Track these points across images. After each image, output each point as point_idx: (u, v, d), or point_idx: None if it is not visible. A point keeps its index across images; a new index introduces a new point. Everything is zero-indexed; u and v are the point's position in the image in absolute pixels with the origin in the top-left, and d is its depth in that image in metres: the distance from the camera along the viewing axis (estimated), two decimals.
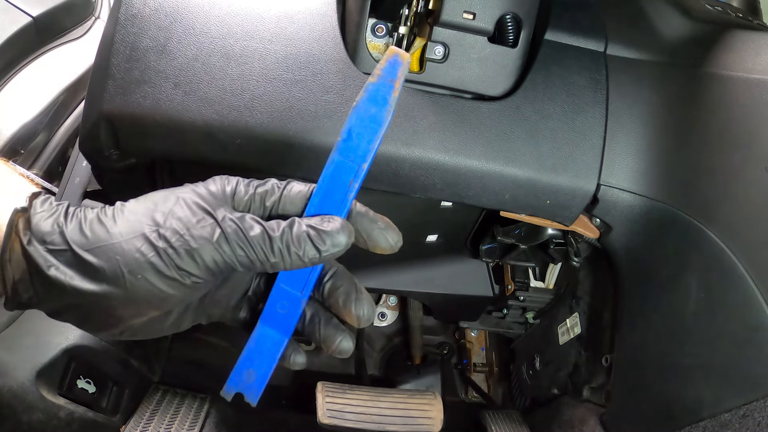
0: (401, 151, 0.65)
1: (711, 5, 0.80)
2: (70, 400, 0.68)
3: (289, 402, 1.20)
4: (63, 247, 0.34)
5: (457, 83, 0.67)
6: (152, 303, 0.35)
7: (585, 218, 0.74)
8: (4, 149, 0.91)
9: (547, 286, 1.02)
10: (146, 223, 0.34)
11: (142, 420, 0.77)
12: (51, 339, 0.68)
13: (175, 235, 0.34)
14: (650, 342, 0.70)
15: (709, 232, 0.61)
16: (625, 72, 0.71)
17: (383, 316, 1.25)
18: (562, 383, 0.93)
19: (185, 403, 0.82)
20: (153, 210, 0.35)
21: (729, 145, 0.61)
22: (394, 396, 0.91)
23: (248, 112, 0.62)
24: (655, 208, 0.68)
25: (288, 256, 0.34)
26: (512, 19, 0.65)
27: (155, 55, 0.62)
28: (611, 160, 0.69)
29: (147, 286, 0.34)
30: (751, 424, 0.54)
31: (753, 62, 0.61)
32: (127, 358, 0.79)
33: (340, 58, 0.65)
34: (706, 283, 0.62)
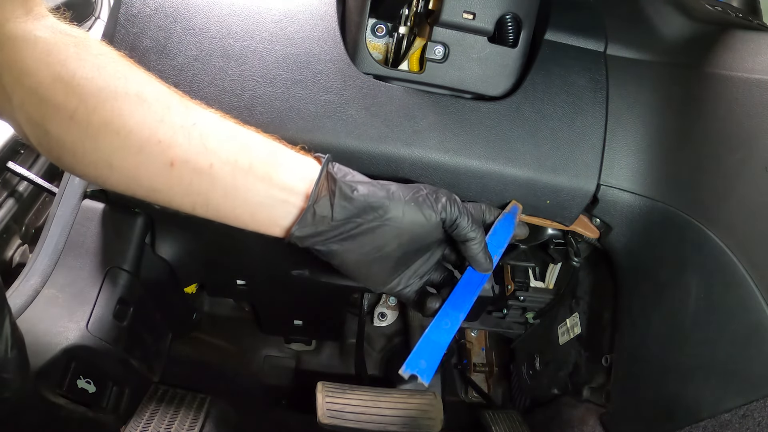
0: (401, 151, 0.65)
1: (711, 5, 0.80)
2: (70, 400, 0.68)
3: (289, 402, 1.20)
4: (361, 179, 0.53)
5: (457, 83, 0.67)
6: (410, 230, 0.53)
7: (585, 218, 0.74)
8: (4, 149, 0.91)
9: (547, 286, 1.02)
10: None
11: (142, 420, 0.77)
12: (51, 339, 0.68)
13: (431, 190, 0.56)
14: (650, 342, 0.70)
15: (709, 232, 0.61)
16: (625, 72, 0.71)
17: (383, 316, 1.25)
18: (562, 383, 0.93)
19: (185, 403, 0.82)
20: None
21: (729, 145, 0.61)
22: (394, 396, 0.91)
23: (248, 112, 0.62)
24: (655, 208, 0.68)
25: (475, 233, 0.56)
26: (512, 19, 0.65)
27: (155, 55, 0.62)
28: (611, 160, 0.69)
29: (413, 212, 0.53)
30: (751, 424, 0.54)
31: (753, 62, 0.61)
32: (127, 358, 0.79)
33: (340, 58, 0.65)
34: (706, 283, 0.62)
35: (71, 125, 0.43)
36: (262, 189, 0.49)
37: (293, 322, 1.13)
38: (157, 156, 0.46)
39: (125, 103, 0.44)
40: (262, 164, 0.49)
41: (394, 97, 0.65)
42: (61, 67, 0.43)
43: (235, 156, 0.48)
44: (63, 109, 0.43)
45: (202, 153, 0.47)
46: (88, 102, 0.43)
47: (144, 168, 0.46)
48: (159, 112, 0.46)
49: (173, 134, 0.46)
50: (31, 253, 0.78)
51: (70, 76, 0.43)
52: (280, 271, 0.91)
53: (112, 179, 0.47)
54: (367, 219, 0.52)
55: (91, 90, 0.43)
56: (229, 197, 0.49)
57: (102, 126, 0.44)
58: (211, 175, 0.47)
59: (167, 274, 0.89)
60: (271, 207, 0.50)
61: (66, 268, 0.75)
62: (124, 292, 0.78)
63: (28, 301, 0.70)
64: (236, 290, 1.00)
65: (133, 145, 0.45)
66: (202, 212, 0.50)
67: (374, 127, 0.64)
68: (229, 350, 1.22)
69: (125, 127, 0.44)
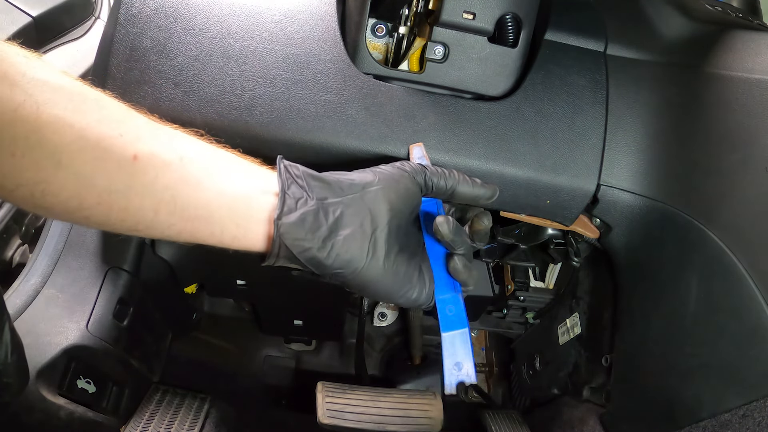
0: (401, 151, 0.65)
1: (711, 5, 0.80)
2: (70, 400, 0.68)
3: (289, 402, 1.20)
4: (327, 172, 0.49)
5: (457, 83, 0.67)
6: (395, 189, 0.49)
7: (585, 218, 0.74)
8: None
9: (547, 286, 1.02)
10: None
11: (142, 420, 0.77)
12: (51, 339, 0.68)
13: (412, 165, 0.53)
14: (650, 342, 0.70)
15: (709, 232, 0.61)
16: (625, 72, 0.71)
17: (383, 316, 1.25)
18: (562, 383, 0.93)
19: (185, 403, 0.82)
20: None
21: (729, 145, 0.61)
22: (394, 396, 0.91)
23: (248, 111, 0.62)
24: (655, 208, 0.68)
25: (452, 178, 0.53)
26: (512, 19, 0.65)
27: (155, 55, 0.62)
28: (611, 160, 0.69)
29: (387, 173, 0.50)
30: (751, 424, 0.54)
31: (753, 62, 0.61)
32: (127, 358, 0.79)
33: (340, 58, 0.65)
34: (706, 283, 0.62)
35: (14, 118, 0.37)
36: (243, 179, 0.45)
37: (293, 322, 1.13)
38: (116, 150, 0.40)
39: (82, 104, 0.40)
40: (234, 160, 0.46)
41: (394, 97, 0.65)
42: (9, 67, 0.38)
43: (206, 152, 0.44)
44: (4, 101, 0.37)
45: (170, 148, 0.42)
46: (38, 98, 0.38)
47: (100, 164, 0.40)
48: (119, 114, 0.42)
49: (137, 130, 0.41)
50: (31, 253, 0.78)
51: (20, 76, 0.38)
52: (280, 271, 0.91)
53: (57, 182, 0.39)
54: (345, 193, 0.47)
55: (44, 88, 0.39)
56: (202, 190, 0.43)
57: (53, 119, 0.38)
58: (182, 168, 0.42)
59: (167, 274, 0.89)
60: (249, 199, 0.44)
61: (66, 268, 0.75)
62: (124, 292, 0.78)
63: (28, 301, 0.70)
64: (236, 290, 1.00)
65: (88, 138, 0.39)
66: (166, 217, 0.42)
67: (374, 127, 0.64)
68: (229, 350, 1.22)
69: (81, 121, 0.39)
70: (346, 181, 0.48)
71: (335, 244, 0.46)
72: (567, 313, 0.94)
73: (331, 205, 0.46)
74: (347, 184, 0.48)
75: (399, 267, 0.49)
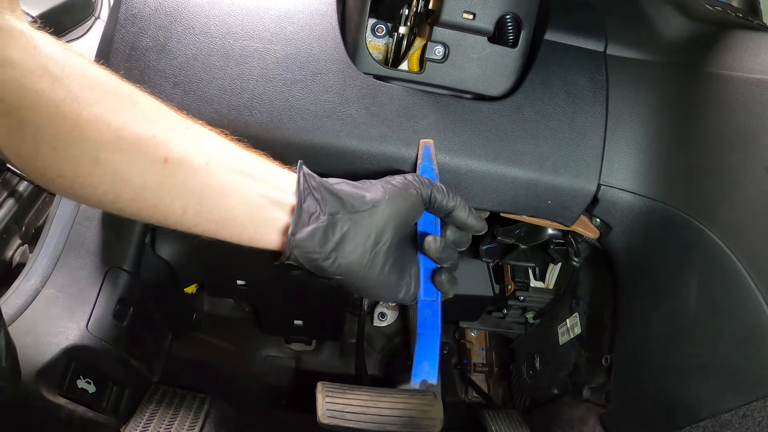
0: (401, 151, 0.65)
1: (711, 5, 0.80)
2: (70, 400, 0.68)
3: (289, 402, 1.20)
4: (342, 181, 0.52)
5: (457, 83, 0.67)
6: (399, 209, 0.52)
7: (585, 218, 0.74)
8: None
9: (547, 286, 1.02)
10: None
11: (142, 420, 0.77)
12: (51, 339, 0.68)
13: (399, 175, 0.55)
14: (650, 342, 0.70)
15: (709, 232, 0.61)
16: (625, 72, 0.71)
17: (383, 316, 1.25)
18: (562, 383, 0.93)
19: (185, 403, 0.82)
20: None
21: (729, 145, 0.61)
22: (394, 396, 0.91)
23: (248, 111, 0.62)
24: (655, 208, 0.68)
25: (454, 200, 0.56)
26: (512, 19, 0.65)
27: (155, 55, 0.62)
28: (611, 160, 0.69)
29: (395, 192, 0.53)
30: (751, 424, 0.54)
31: (753, 62, 0.61)
32: (127, 358, 0.79)
33: (340, 58, 0.65)
34: (706, 283, 0.62)
35: (57, 114, 0.40)
36: (258, 188, 0.48)
37: (293, 322, 1.13)
38: (150, 151, 0.43)
39: (117, 102, 0.43)
40: (255, 165, 0.49)
41: (394, 97, 0.65)
42: (48, 59, 0.40)
43: (230, 156, 0.48)
44: (47, 97, 0.40)
45: (198, 150, 0.46)
46: (78, 95, 0.41)
47: (135, 164, 0.43)
48: (152, 114, 0.45)
49: (167, 132, 0.44)
50: (31, 253, 0.78)
51: (60, 69, 0.40)
52: (280, 271, 0.91)
53: (94, 177, 0.43)
54: (356, 209, 0.51)
55: (83, 84, 0.41)
56: (225, 196, 0.47)
57: (93, 118, 0.41)
58: (207, 173, 0.46)
59: (167, 274, 0.89)
60: (267, 208, 0.48)
61: (66, 268, 0.75)
62: (124, 292, 0.78)
63: (28, 301, 0.70)
64: (236, 290, 1.00)
65: (125, 138, 0.42)
66: (192, 216, 0.47)
67: (374, 127, 0.64)
68: (229, 350, 1.22)
69: (118, 120, 0.42)
70: (358, 196, 0.52)
71: (339, 257, 0.50)
72: (567, 313, 0.94)
73: (340, 220, 0.50)
74: (359, 201, 0.51)
75: (392, 275, 0.54)
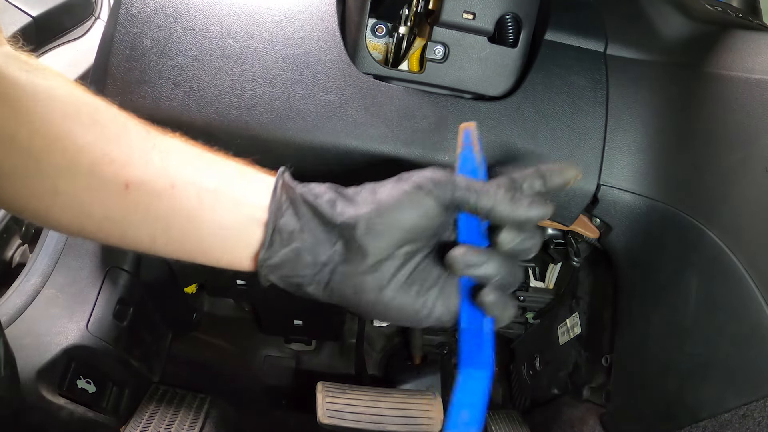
0: (401, 151, 0.65)
1: (711, 5, 0.80)
2: (70, 400, 0.68)
3: (289, 402, 1.20)
4: (330, 190, 0.43)
5: (457, 83, 0.67)
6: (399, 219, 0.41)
7: (585, 218, 0.74)
8: None
9: (547, 286, 1.02)
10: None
11: (142, 420, 0.77)
12: (51, 339, 0.68)
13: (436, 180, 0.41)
14: (650, 342, 0.70)
15: (709, 232, 0.61)
16: (625, 72, 0.71)
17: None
18: (562, 383, 0.93)
19: (185, 403, 0.82)
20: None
21: (729, 145, 0.61)
22: (394, 396, 0.91)
23: (248, 112, 0.62)
24: (655, 208, 0.68)
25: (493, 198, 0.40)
26: (512, 19, 0.65)
27: (155, 55, 0.62)
28: (611, 160, 0.69)
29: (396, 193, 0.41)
30: (751, 424, 0.54)
31: (753, 62, 0.61)
32: (127, 358, 0.79)
33: (340, 58, 0.65)
34: (706, 283, 0.62)
35: (11, 150, 0.38)
36: (232, 209, 0.42)
37: (293, 322, 1.13)
38: (109, 178, 0.40)
39: (76, 125, 0.40)
40: (230, 182, 0.43)
41: (394, 97, 0.65)
42: (8, 88, 0.38)
43: (201, 175, 0.42)
44: (1, 130, 0.38)
45: (162, 174, 0.41)
46: (32, 123, 0.38)
47: (95, 192, 0.40)
48: (114, 133, 0.41)
49: (129, 153, 0.41)
50: (31, 253, 0.78)
51: (16, 100, 0.38)
52: None
53: (55, 209, 0.40)
54: (346, 225, 0.41)
55: (38, 111, 0.39)
56: (193, 221, 0.42)
57: (47, 146, 0.39)
58: (173, 198, 0.41)
59: (167, 274, 0.89)
60: (242, 230, 0.43)
61: (66, 268, 0.75)
62: (124, 292, 0.78)
63: (28, 301, 0.70)
64: (236, 290, 1.00)
65: (82, 165, 0.39)
66: (162, 245, 0.43)
67: (374, 127, 0.64)
68: (229, 350, 1.22)
69: (74, 146, 0.39)
70: (339, 214, 0.41)
71: (327, 283, 0.42)
72: (567, 313, 0.94)
73: (326, 239, 0.42)
74: (339, 218, 0.41)
75: (404, 298, 0.42)
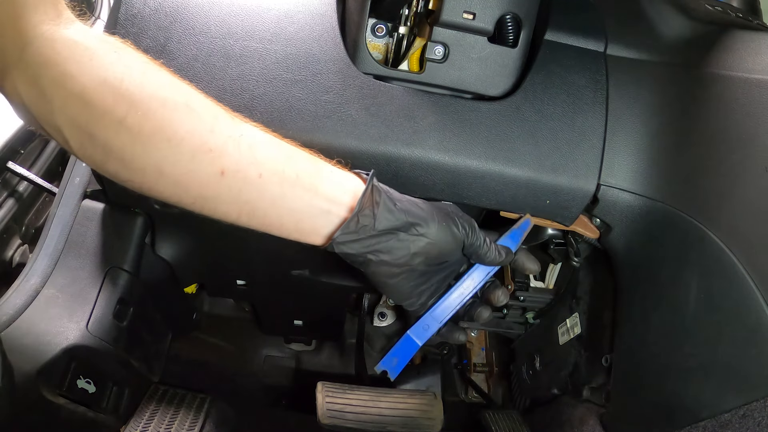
0: (401, 151, 0.65)
1: (711, 5, 0.80)
2: (70, 400, 0.68)
3: (289, 402, 1.20)
4: (399, 196, 0.56)
5: (457, 83, 0.67)
6: (439, 246, 0.57)
7: (585, 218, 0.74)
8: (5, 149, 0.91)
9: (547, 286, 1.02)
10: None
11: (142, 420, 0.77)
12: (51, 339, 0.68)
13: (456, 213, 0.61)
14: (650, 342, 0.70)
15: (709, 232, 0.61)
16: (625, 72, 0.71)
17: (383, 316, 1.25)
18: (562, 383, 0.93)
19: (185, 403, 0.82)
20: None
21: (729, 145, 0.61)
22: (394, 396, 0.91)
23: (248, 112, 0.62)
24: (655, 208, 0.68)
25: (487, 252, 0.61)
26: (512, 19, 0.65)
27: (155, 55, 0.62)
28: (611, 160, 0.69)
29: (444, 230, 0.57)
30: (751, 424, 0.54)
31: (753, 62, 0.61)
32: (127, 358, 0.79)
33: (340, 58, 0.65)
34: (706, 283, 0.62)
35: (120, 130, 0.43)
36: (307, 199, 0.51)
37: (293, 322, 1.13)
38: (207, 165, 0.46)
39: (175, 112, 0.45)
40: (307, 175, 0.51)
41: (394, 97, 0.65)
42: (105, 71, 0.43)
43: (282, 166, 0.50)
44: (111, 113, 0.43)
45: (252, 163, 0.48)
46: (138, 108, 0.43)
47: (194, 176, 0.47)
48: (208, 122, 0.47)
49: (223, 143, 0.47)
50: (31, 253, 0.78)
51: (118, 81, 0.43)
52: (280, 271, 0.91)
53: (159, 186, 0.47)
54: (404, 232, 0.55)
55: (142, 97, 0.44)
56: (275, 206, 0.50)
57: (154, 132, 0.44)
58: (260, 185, 0.49)
59: (167, 274, 0.89)
60: (315, 216, 0.52)
61: (66, 268, 0.75)
62: (124, 292, 0.78)
63: (28, 301, 0.70)
64: (236, 290, 1.00)
65: (184, 153, 0.45)
66: (246, 220, 0.51)
67: (374, 127, 0.64)
68: (229, 350, 1.22)
69: (177, 134, 0.45)
70: (414, 218, 0.56)
71: (372, 263, 0.56)
72: (567, 313, 0.94)
73: (387, 234, 0.54)
74: (411, 223, 0.55)
75: (414, 289, 0.61)
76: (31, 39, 0.42)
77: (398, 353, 0.66)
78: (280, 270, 0.90)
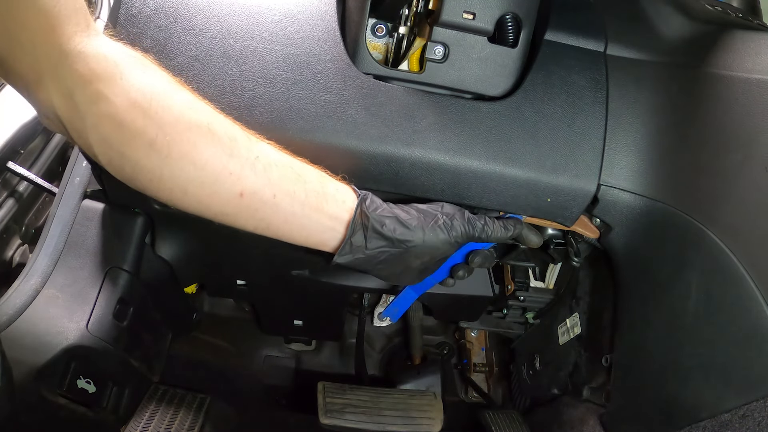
0: (401, 152, 0.65)
1: (711, 5, 0.80)
2: (70, 400, 0.68)
3: (289, 402, 1.20)
4: (389, 214, 0.60)
5: (457, 83, 0.67)
6: (430, 252, 0.62)
7: (585, 218, 0.74)
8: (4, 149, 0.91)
9: (547, 286, 1.02)
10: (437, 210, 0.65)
11: (142, 420, 0.77)
12: (51, 339, 0.68)
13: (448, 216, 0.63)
14: (650, 342, 0.70)
15: (709, 232, 0.61)
16: (625, 72, 0.71)
17: (383, 316, 1.25)
18: (562, 383, 0.93)
19: (185, 403, 0.82)
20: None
21: (729, 145, 0.61)
22: (394, 396, 0.92)
23: (248, 112, 0.62)
24: (655, 208, 0.68)
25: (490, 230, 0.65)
26: (512, 19, 0.65)
27: (155, 55, 0.61)
28: (611, 160, 0.69)
29: (431, 240, 0.61)
30: (751, 424, 0.54)
31: (753, 62, 0.61)
32: (127, 358, 0.79)
33: (340, 58, 0.65)
34: (706, 283, 0.62)
35: (151, 153, 0.47)
36: (315, 218, 0.56)
37: (293, 322, 1.12)
38: (228, 187, 0.51)
39: (199, 136, 0.49)
40: (314, 195, 0.56)
41: (394, 97, 0.65)
42: (135, 92, 0.45)
43: (294, 187, 0.54)
44: (142, 136, 0.46)
45: (267, 185, 0.53)
46: (166, 132, 0.47)
47: (216, 197, 0.51)
48: (228, 145, 0.50)
49: (242, 167, 0.51)
50: (31, 253, 0.78)
51: (147, 103, 0.46)
52: (280, 271, 0.91)
53: (184, 203, 0.52)
54: (394, 247, 0.60)
55: (169, 120, 0.47)
56: (288, 223, 0.56)
57: (181, 156, 0.48)
58: (275, 205, 0.53)
59: (167, 274, 0.89)
60: (322, 233, 0.58)
61: (66, 268, 0.75)
62: (124, 292, 0.78)
63: (28, 301, 0.70)
64: (236, 290, 1.00)
65: (208, 176, 0.50)
66: (261, 233, 0.56)
67: (374, 127, 0.64)
68: (229, 350, 1.22)
69: (201, 158, 0.49)
70: (401, 236, 0.60)
71: (373, 270, 0.63)
72: (567, 313, 0.94)
73: (379, 251, 0.60)
74: (399, 240, 0.60)
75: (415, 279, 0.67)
76: (66, 53, 0.44)
77: (398, 304, 0.80)
78: (280, 270, 0.90)
